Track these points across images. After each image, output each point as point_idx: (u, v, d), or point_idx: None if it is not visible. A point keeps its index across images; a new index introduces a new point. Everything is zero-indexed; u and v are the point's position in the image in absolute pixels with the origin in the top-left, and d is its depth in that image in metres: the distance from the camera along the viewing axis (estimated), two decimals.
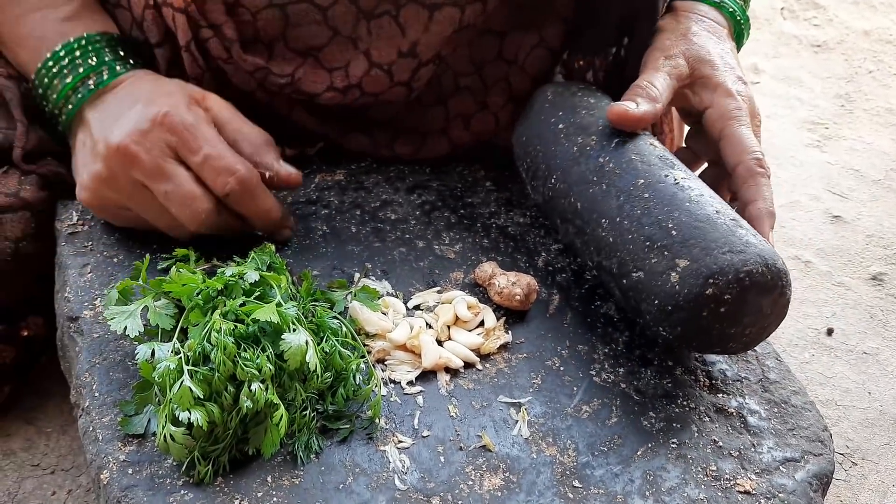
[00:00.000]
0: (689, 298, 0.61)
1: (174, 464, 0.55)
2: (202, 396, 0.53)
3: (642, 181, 0.67)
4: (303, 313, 0.62)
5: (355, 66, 0.78)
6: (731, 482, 0.60)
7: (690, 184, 0.66)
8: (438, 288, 0.73)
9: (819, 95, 1.52)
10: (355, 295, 0.68)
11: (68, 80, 0.73)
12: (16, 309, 0.79)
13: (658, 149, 0.71)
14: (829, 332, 1.03)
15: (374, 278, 0.73)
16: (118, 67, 0.74)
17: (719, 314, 0.61)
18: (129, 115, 0.68)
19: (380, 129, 0.86)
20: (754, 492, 0.59)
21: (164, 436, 0.53)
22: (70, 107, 0.73)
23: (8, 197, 0.74)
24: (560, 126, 0.74)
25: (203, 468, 0.54)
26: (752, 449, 0.63)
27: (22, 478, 0.80)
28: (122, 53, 0.75)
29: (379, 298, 0.69)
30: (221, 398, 0.54)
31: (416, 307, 0.71)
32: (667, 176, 0.67)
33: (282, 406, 0.55)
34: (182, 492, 0.54)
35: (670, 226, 0.63)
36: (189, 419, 0.52)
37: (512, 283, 0.70)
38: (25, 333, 0.80)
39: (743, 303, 0.61)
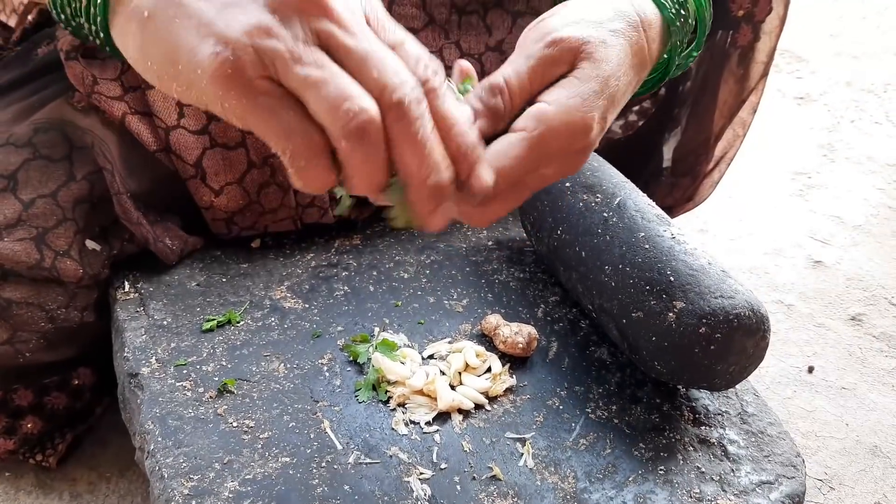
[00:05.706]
0: (683, 336, 0.68)
1: (228, 496, 0.64)
2: None
3: (643, 234, 0.74)
4: None
5: (447, 52, 0.83)
6: (713, 502, 0.67)
7: (685, 239, 0.74)
8: (449, 338, 0.79)
9: (802, 146, 1.56)
10: (376, 347, 0.75)
11: None
12: (68, 362, 0.88)
13: (655, 208, 0.79)
14: (810, 369, 1.09)
15: (391, 331, 0.80)
16: None
17: (709, 351, 0.68)
18: None
19: None
20: None
21: None
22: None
23: (91, 278, 0.81)
24: (567, 184, 0.82)
25: None
26: (732, 474, 0.69)
27: None
28: None
29: (397, 349, 0.76)
30: None
31: (431, 356, 0.77)
32: (664, 231, 0.75)
33: None
34: None
35: (668, 273, 0.71)
36: None
37: (515, 333, 0.77)
38: (76, 382, 0.88)
39: (730, 342, 0.68)
